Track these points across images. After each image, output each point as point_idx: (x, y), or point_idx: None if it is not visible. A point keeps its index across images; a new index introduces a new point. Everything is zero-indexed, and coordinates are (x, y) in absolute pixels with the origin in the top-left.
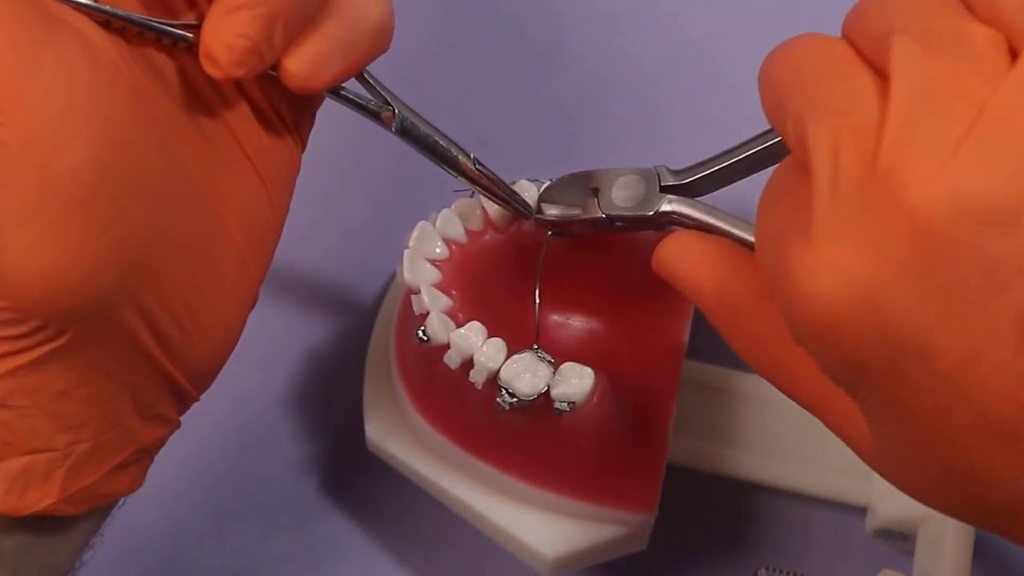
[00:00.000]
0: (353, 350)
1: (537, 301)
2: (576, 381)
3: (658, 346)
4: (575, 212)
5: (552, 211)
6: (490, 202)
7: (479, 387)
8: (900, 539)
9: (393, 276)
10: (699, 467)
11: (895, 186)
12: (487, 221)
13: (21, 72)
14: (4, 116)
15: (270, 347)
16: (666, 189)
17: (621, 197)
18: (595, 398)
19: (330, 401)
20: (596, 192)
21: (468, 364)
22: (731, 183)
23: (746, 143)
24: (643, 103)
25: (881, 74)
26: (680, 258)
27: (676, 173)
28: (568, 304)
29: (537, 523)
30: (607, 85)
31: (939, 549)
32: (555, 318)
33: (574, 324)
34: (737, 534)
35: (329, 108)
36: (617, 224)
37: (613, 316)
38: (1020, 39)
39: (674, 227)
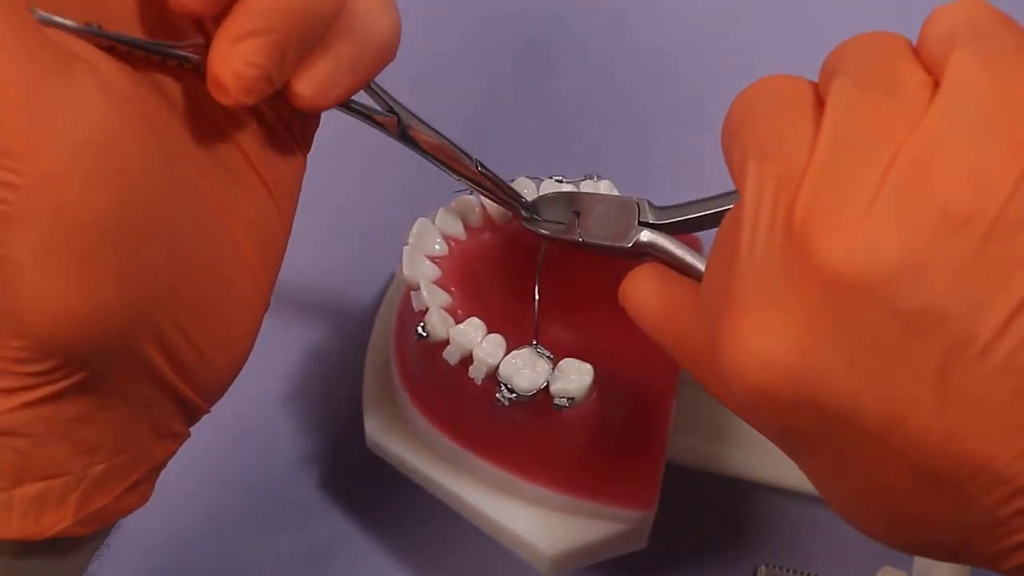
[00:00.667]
0: (353, 349)
1: (536, 298)
2: (575, 377)
3: (657, 344)
4: (558, 228)
5: (539, 224)
6: (490, 200)
7: (478, 383)
8: None
9: (393, 276)
10: (699, 466)
11: (809, 245)
12: (486, 218)
13: (36, 113)
14: (21, 163)
15: (270, 346)
16: (645, 223)
17: (600, 225)
18: (594, 394)
19: (330, 400)
20: (577, 215)
21: (467, 360)
22: (711, 228)
23: (731, 193)
24: (643, 103)
25: None
26: (638, 297)
27: (657, 211)
28: (567, 302)
29: (536, 520)
30: (607, 85)
31: None
32: (554, 316)
33: (573, 322)
34: (737, 533)
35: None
36: (592, 250)
37: (612, 314)
38: (939, 71)
39: (649, 258)
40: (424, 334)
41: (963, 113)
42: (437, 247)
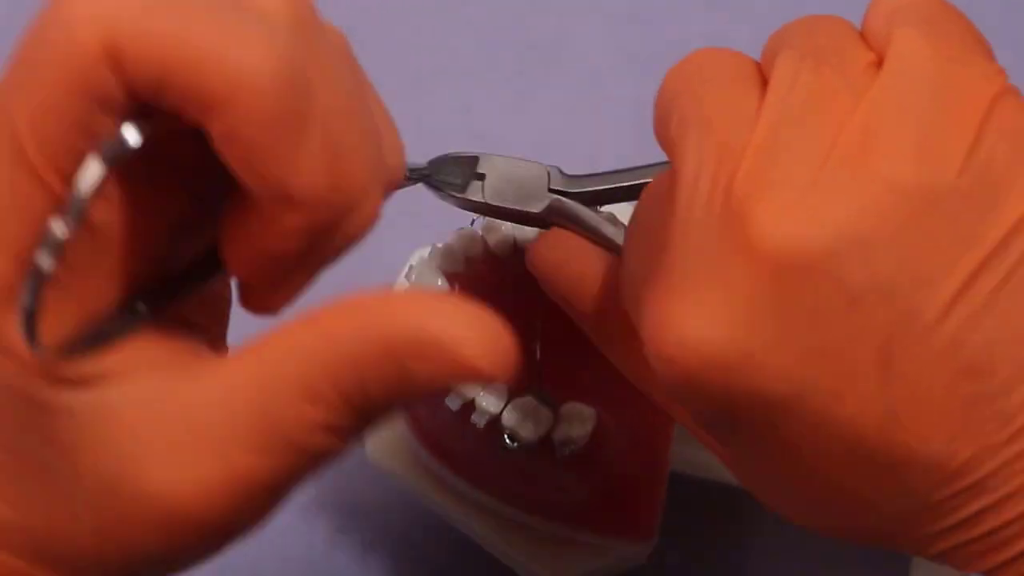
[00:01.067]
0: None
1: (538, 339)
2: (578, 424)
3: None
4: (454, 188)
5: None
6: (490, 233)
7: (480, 428)
8: None
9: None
10: (698, 474)
11: (747, 220)
12: (487, 252)
13: None
14: None
15: None
16: (555, 191)
17: (508, 189)
18: (596, 436)
19: None
20: (482, 178)
21: (469, 406)
22: (623, 201)
23: (648, 166)
24: (643, 103)
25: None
26: (548, 264)
27: (568, 179)
28: (568, 333)
29: (538, 548)
30: (607, 85)
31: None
32: (555, 348)
33: (574, 354)
34: (737, 542)
35: None
36: (498, 215)
37: None
38: (883, 49)
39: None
40: None
41: (909, 87)
42: (437, 284)
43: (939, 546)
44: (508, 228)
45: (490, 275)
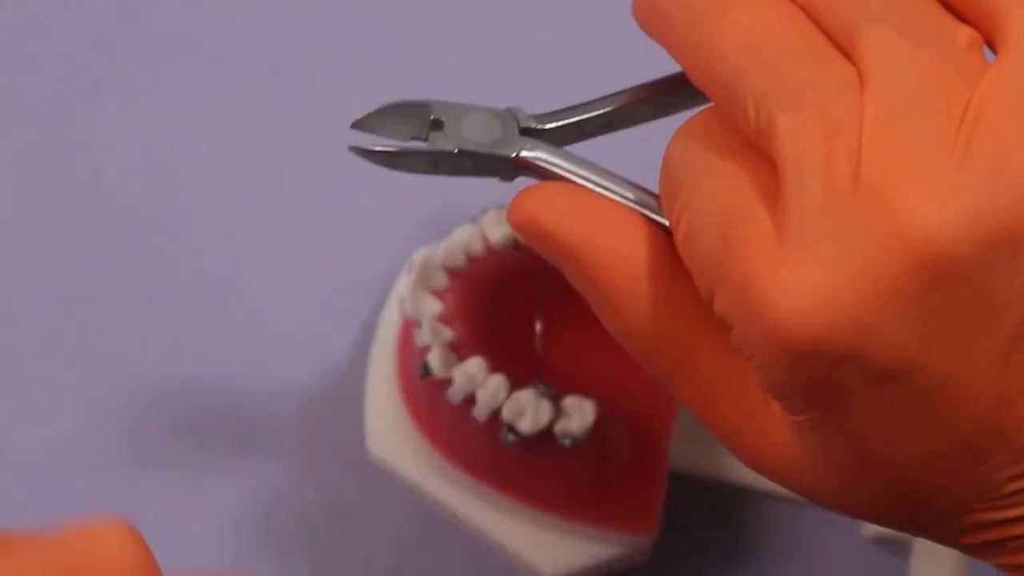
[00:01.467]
0: (357, 354)
1: (539, 330)
2: (578, 417)
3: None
4: (402, 142)
5: (381, 144)
6: (491, 229)
7: (482, 421)
8: (898, 545)
9: (395, 280)
10: (699, 473)
11: (887, 204)
12: (489, 248)
13: None
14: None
15: (270, 351)
16: (525, 133)
17: (475, 133)
18: (596, 429)
19: (332, 406)
20: (439, 125)
21: (471, 399)
22: (598, 135)
23: (621, 93)
24: None
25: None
26: (555, 210)
27: (536, 117)
28: (569, 327)
29: (538, 542)
30: (607, 85)
31: (937, 560)
32: (556, 342)
33: (575, 348)
34: (736, 539)
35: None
36: (464, 164)
37: (614, 341)
38: (1000, 31)
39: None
40: (427, 372)
41: None
42: (439, 281)
43: (989, 535)
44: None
45: (491, 271)
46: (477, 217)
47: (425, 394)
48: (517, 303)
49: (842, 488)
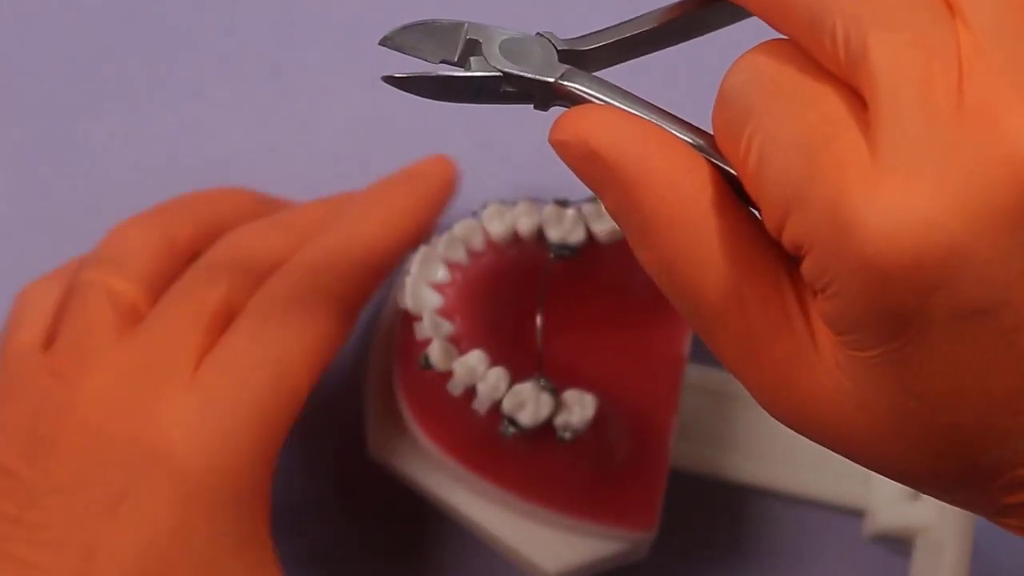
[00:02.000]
0: (357, 352)
1: (539, 325)
2: (578, 410)
3: (659, 361)
4: (452, 70)
5: (419, 71)
6: (492, 223)
7: (482, 414)
8: (899, 544)
9: (396, 277)
10: (699, 471)
11: (995, 127)
12: (489, 242)
13: None
14: None
15: None
16: (564, 59)
17: (516, 55)
18: (597, 423)
19: (332, 405)
20: (475, 48)
21: (471, 392)
22: (637, 56)
23: (655, 12)
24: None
25: None
26: (607, 130)
27: (569, 40)
28: (569, 322)
29: (538, 538)
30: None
31: (938, 560)
32: (556, 336)
33: (575, 342)
34: (736, 538)
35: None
36: (507, 90)
37: (614, 333)
38: None
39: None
40: (427, 365)
41: None
42: (440, 275)
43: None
44: (509, 218)
45: (491, 266)
46: (478, 212)
47: (425, 389)
48: (517, 298)
49: (895, 434)
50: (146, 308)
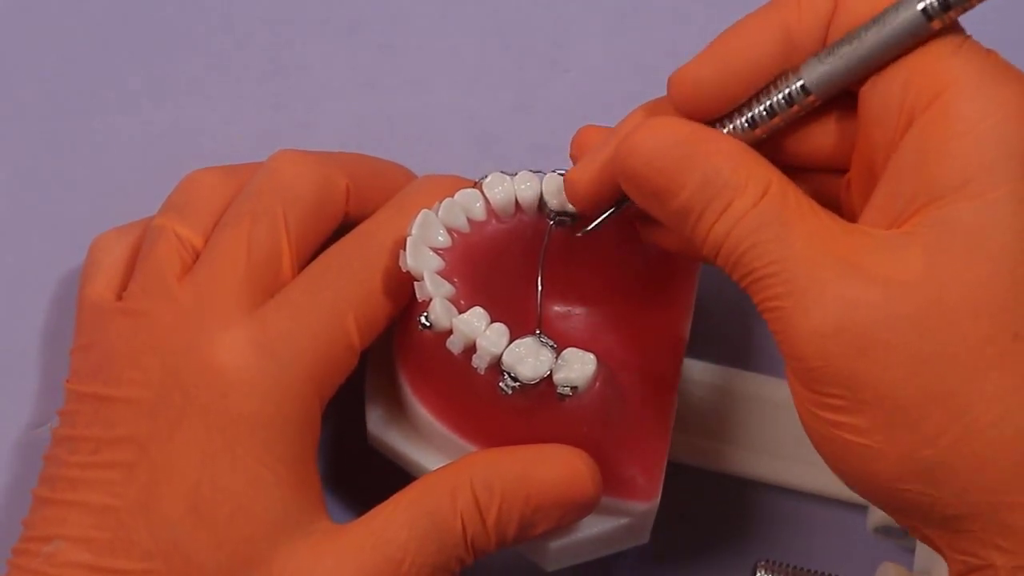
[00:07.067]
0: None
1: (539, 289)
2: (578, 366)
3: (659, 336)
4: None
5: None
6: (492, 189)
7: (482, 372)
8: (901, 535)
9: None
10: (701, 464)
11: None
12: (489, 211)
13: None
14: None
15: None
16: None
17: None
18: (597, 384)
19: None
20: None
21: (471, 349)
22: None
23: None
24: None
25: None
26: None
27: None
28: (570, 294)
29: None
30: (607, 85)
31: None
32: (557, 309)
33: (576, 314)
34: (738, 531)
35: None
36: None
37: (615, 306)
38: None
39: None
40: (427, 324)
41: None
42: (440, 239)
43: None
44: (510, 186)
45: (492, 233)
46: (479, 180)
47: (424, 355)
48: (517, 266)
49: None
50: None
